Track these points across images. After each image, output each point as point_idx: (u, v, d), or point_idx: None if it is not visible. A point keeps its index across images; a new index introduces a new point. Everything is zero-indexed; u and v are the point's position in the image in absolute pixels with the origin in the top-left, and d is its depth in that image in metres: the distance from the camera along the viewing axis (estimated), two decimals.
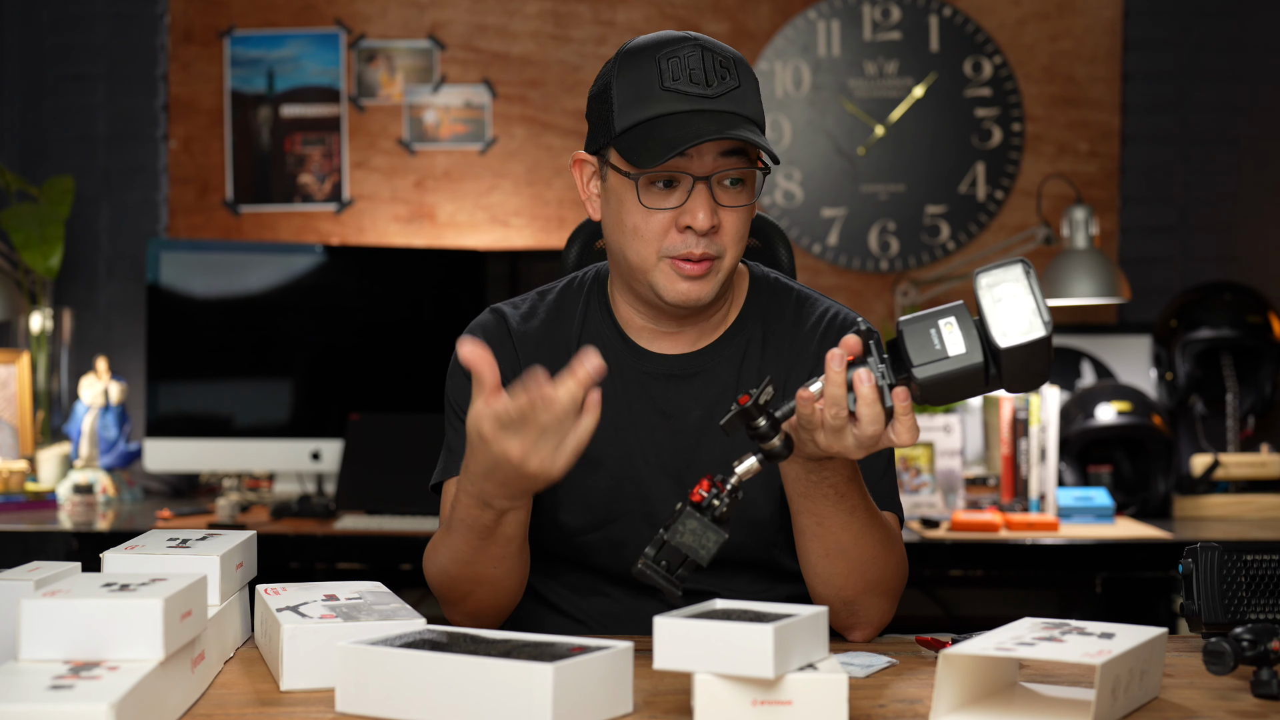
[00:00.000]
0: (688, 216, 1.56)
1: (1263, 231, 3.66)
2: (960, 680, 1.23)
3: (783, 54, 3.75)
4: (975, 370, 1.28)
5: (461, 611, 1.62)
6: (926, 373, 1.28)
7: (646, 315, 1.68)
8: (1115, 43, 3.71)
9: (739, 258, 1.63)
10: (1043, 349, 1.26)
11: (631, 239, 1.60)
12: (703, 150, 1.56)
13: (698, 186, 1.56)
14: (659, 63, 1.57)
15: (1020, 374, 1.28)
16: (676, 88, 1.56)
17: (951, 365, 1.28)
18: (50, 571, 1.39)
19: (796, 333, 1.70)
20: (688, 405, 1.67)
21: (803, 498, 1.49)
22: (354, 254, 3.55)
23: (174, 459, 3.36)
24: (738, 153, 1.58)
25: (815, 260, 3.75)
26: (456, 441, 1.68)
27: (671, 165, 1.55)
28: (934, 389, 1.29)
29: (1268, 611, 1.48)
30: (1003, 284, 1.28)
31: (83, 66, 3.77)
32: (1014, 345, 1.26)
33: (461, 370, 1.71)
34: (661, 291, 1.60)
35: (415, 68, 3.80)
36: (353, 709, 1.24)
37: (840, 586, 1.54)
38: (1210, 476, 3.21)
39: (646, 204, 1.58)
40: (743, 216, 1.60)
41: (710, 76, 1.57)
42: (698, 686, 1.19)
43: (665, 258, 1.59)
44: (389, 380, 3.44)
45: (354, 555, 2.90)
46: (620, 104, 1.58)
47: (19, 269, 3.54)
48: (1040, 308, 1.27)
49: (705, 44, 1.59)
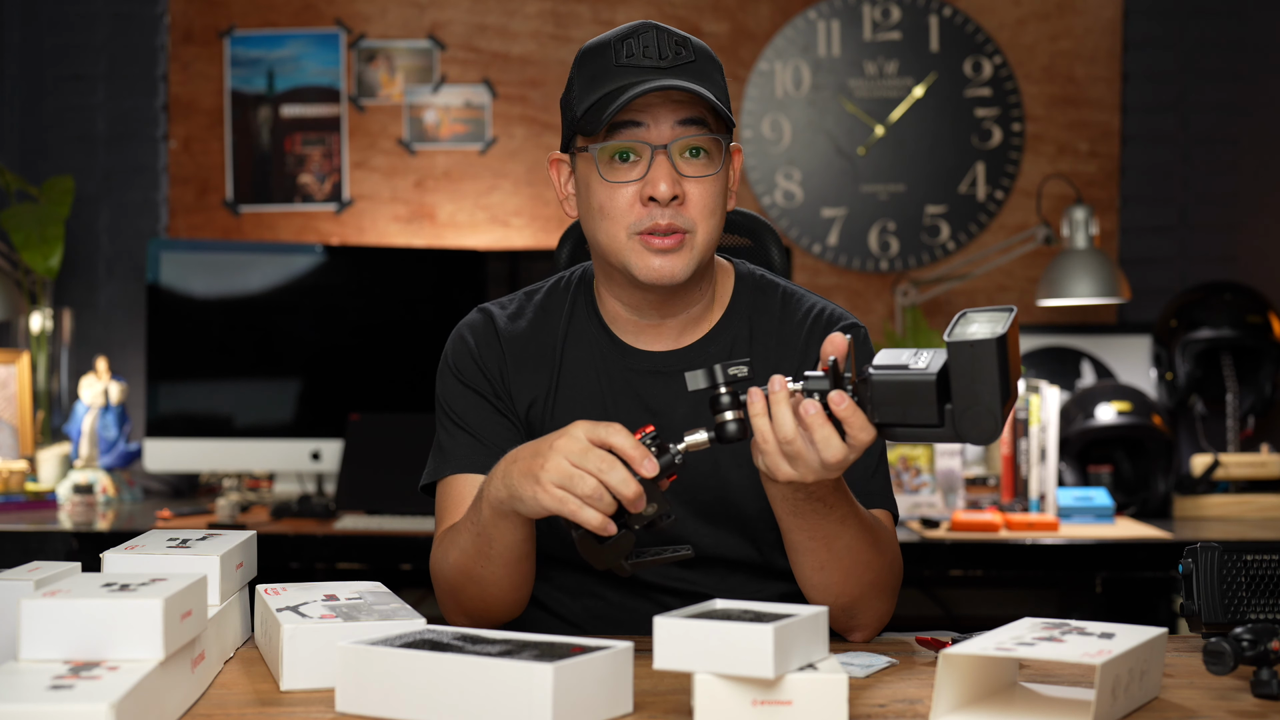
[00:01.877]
0: (649, 186, 1.56)
1: (1263, 231, 3.66)
2: (960, 680, 1.23)
3: (783, 54, 3.75)
4: (927, 388, 1.25)
5: (463, 612, 1.62)
6: (881, 376, 1.28)
7: (629, 306, 1.68)
8: (1115, 43, 3.71)
9: (714, 235, 1.61)
10: (989, 357, 1.23)
11: (600, 220, 1.60)
12: (659, 119, 1.56)
13: (657, 156, 1.56)
14: (613, 46, 1.58)
15: (967, 387, 1.24)
16: (629, 63, 1.56)
17: (906, 376, 1.27)
18: (50, 571, 1.39)
19: (783, 330, 1.69)
20: (673, 402, 1.66)
21: (792, 515, 1.48)
22: (354, 254, 3.55)
23: (174, 459, 3.36)
24: (696, 121, 1.57)
25: (815, 260, 3.75)
26: (448, 442, 1.68)
27: (628, 135, 1.56)
28: (883, 397, 1.27)
29: (1268, 611, 1.48)
30: (983, 313, 1.28)
31: (83, 66, 3.77)
32: (959, 342, 1.24)
33: (452, 371, 1.71)
34: (635, 270, 1.59)
35: (415, 68, 3.80)
36: (353, 709, 1.24)
37: (837, 594, 1.54)
38: (1210, 476, 3.21)
39: (608, 178, 1.58)
40: (709, 188, 1.59)
41: (664, 50, 1.57)
42: (698, 686, 1.19)
43: (635, 234, 1.58)
44: (389, 380, 3.44)
45: (354, 555, 2.90)
46: (579, 92, 1.59)
47: (19, 269, 3.54)
48: (1001, 329, 1.24)
49: (661, 27, 1.59)
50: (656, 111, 1.56)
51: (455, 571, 1.57)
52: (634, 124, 1.56)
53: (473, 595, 1.58)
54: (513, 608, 1.60)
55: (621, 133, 1.56)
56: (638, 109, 1.56)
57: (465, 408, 1.69)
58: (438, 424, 1.72)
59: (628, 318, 1.69)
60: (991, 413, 1.24)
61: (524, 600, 1.61)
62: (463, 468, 1.66)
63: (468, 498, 1.64)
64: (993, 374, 1.23)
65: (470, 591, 1.57)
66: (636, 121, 1.56)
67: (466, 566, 1.55)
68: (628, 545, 1.36)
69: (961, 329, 1.26)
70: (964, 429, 1.26)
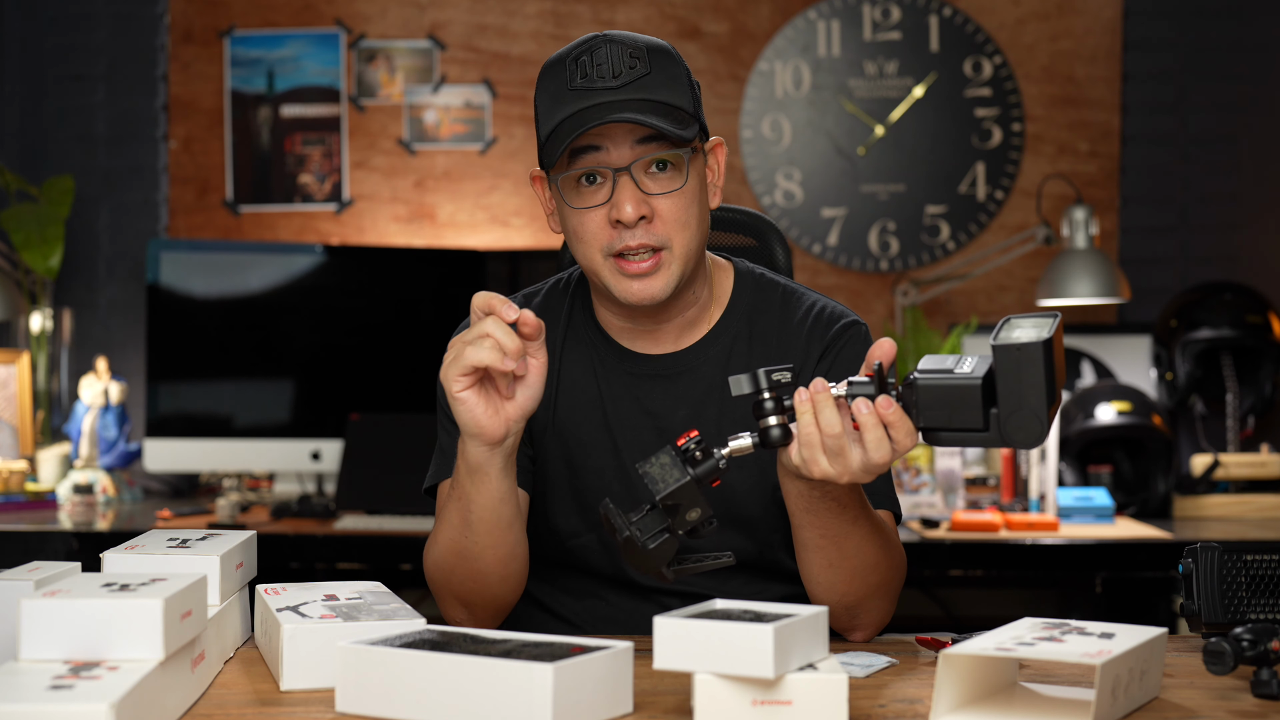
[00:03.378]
0: (615, 210, 1.55)
1: (1263, 231, 3.66)
2: (960, 680, 1.23)
3: (783, 54, 3.75)
4: (973, 392, 1.26)
5: (457, 598, 1.61)
6: (927, 380, 1.28)
7: (621, 315, 1.67)
8: (1115, 43, 3.71)
9: (692, 244, 1.59)
10: (1035, 362, 1.24)
11: (577, 244, 1.60)
12: (618, 141, 1.54)
13: (620, 179, 1.55)
14: (568, 66, 1.56)
15: (1013, 391, 1.25)
16: (580, 85, 1.55)
17: (952, 380, 1.27)
18: (50, 571, 1.39)
19: (784, 329, 1.69)
20: (673, 405, 1.66)
21: (805, 513, 1.48)
22: (354, 254, 3.55)
23: (174, 459, 3.36)
24: (656, 138, 1.55)
25: (815, 260, 3.75)
26: (449, 444, 1.68)
27: (589, 161, 1.55)
28: (931, 400, 1.28)
29: (1268, 611, 1.48)
30: (1027, 318, 1.28)
31: (83, 66, 3.77)
32: (1005, 345, 1.25)
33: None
34: (615, 292, 1.59)
35: (415, 68, 3.80)
36: (353, 709, 1.24)
37: (843, 593, 1.54)
38: (1210, 476, 3.21)
39: (575, 205, 1.58)
40: (678, 202, 1.57)
41: (617, 67, 1.55)
42: (698, 686, 1.19)
43: (609, 256, 1.57)
44: (389, 380, 3.44)
45: (354, 555, 2.90)
46: (541, 115, 1.58)
47: (19, 269, 3.54)
48: (1047, 333, 1.25)
49: (615, 38, 1.57)
50: (614, 133, 1.54)
51: (446, 553, 1.57)
52: (593, 148, 1.55)
53: (464, 575, 1.57)
54: (505, 586, 1.59)
55: (582, 158, 1.55)
56: (593, 134, 1.55)
57: None
58: (439, 425, 1.72)
59: (621, 325, 1.68)
60: (1038, 416, 1.25)
61: (515, 580, 1.59)
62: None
63: None
64: (1039, 378, 1.24)
65: (461, 572, 1.57)
66: (596, 145, 1.55)
67: (454, 542, 1.55)
68: (671, 551, 1.34)
69: (1007, 333, 1.27)
70: (1010, 433, 1.27)
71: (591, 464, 1.66)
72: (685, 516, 1.32)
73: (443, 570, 1.59)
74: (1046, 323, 1.27)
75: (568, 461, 1.67)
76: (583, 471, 1.66)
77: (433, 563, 1.61)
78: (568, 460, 1.67)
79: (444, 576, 1.60)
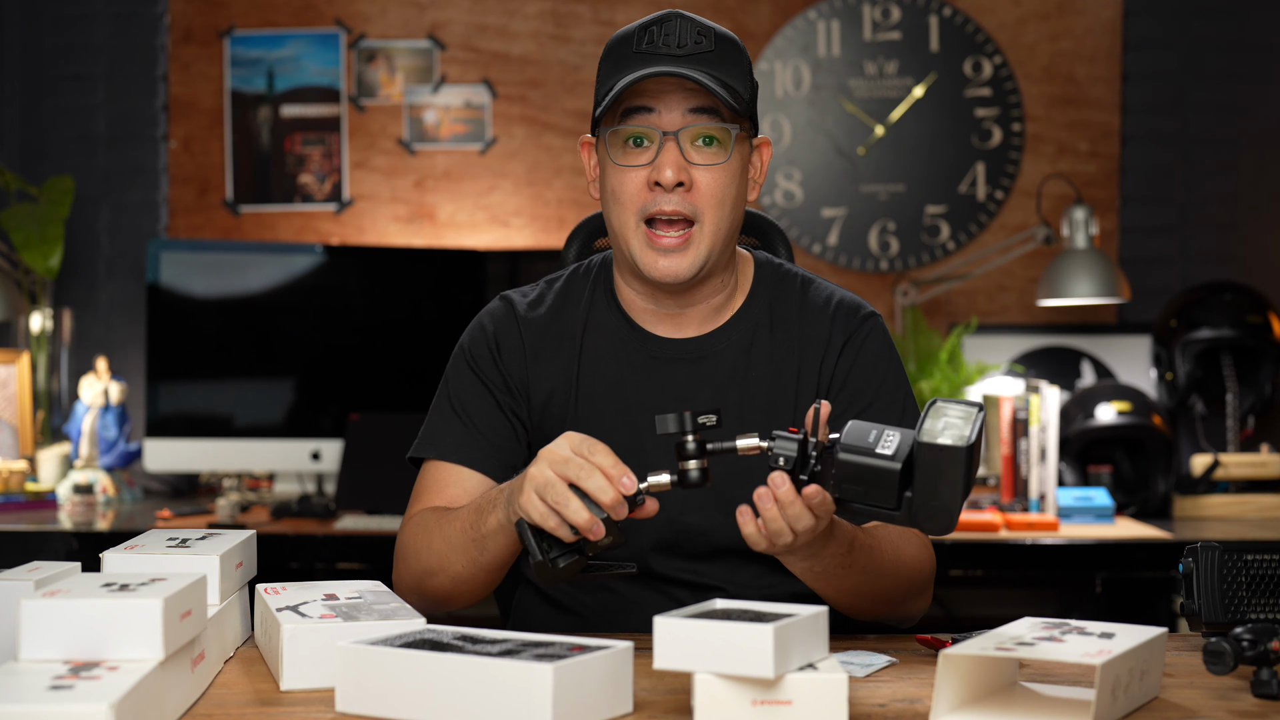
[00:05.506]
0: (656, 172, 1.58)
1: (1263, 231, 3.66)
2: (960, 680, 1.23)
3: (783, 54, 3.75)
4: (890, 476, 1.28)
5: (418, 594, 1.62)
6: (848, 457, 1.30)
7: (644, 295, 1.69)
8: (1115, 43, 3.71)
9: (723, 228, 1.62)
10: (956, 463, 1.26)
11: (613, 203, 1.62)
12: (670, 106, 1.57)
13: (666, 142, 1.58)
14: (636, 33, 1.60)
15: (929, 484, 1.27)
16: (648, 50, 1.58)
17: (872, 461, 1.29)
18: (50, 571, 1.39)
19: (805, 316, 1.71)
20: (696, 388, 1.68)
21: (815, 580, 1.50)
22: (354, 254, 3.55)
23: (174, 459, 3.36)
24: (709, 111, 1.58)
25: (815, 260, 3.75)
26: (440, 425, 1.70)
27: (639, 121, 1.58)
28: (848, 475, 1.30)
29: (1268, 611, 1.48)
30: (953, 410, 1.30)
31: (83, 66, 3.77)
32: (929, 444, 1.27)
33: (466, 358, 1.72)
34: (641, 265, 1.62)
35: (415, 68, 3.80)
36: (353, 709, 1.24)
37: (874, 612, 1.60)
38: (1210, 476, 3.21)
39: (619, 161, 1.60)
40: (718, 177, 1.60)
41: (684, 39, 1.59)
42: (698, 686, 1.18)
43: (642, 223, 1.60)
44: (389, 380, 3.44)
45: (354, 555, 2.90)
46: (602, 79, 1.62)
47: (19, 269, 3.54)
48: (971, 435, 1.27)
49: (688, 16, 1.61)
50: (668, 98, 1.57)
51: (435, 559, 1.58)
52: (645, 109, 1.58)
53: (440, 585, 1.59)
54: (467, 603, 1.63)
55: (634, 118, 1.58)
56: (649, 94, 1.58)
57: (470, 396, 1.70)
58: (435, 401, 1.73)
59: (645, 306, 1.70)
60: (949, 510, 1.28)
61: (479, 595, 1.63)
62: (446, 455, 1.68)
63: (447, 485, 1.66)
64: (957, 478, 1.27)
65: (439, 581, 1.58)
66: (648, 107, 1.58)
67: (449, 561, 1.56)
68: (578, 568, 1.40)
69: (932, 424, 1.28)
70: (920, 520, 1.29)
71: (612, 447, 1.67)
72: (598, 540, 1.37)
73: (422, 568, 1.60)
74: (971, 417, 1.28)
75: None
76: None
77: (414, 558, 1.62)
78: None
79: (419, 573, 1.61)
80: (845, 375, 1.69)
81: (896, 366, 1.72)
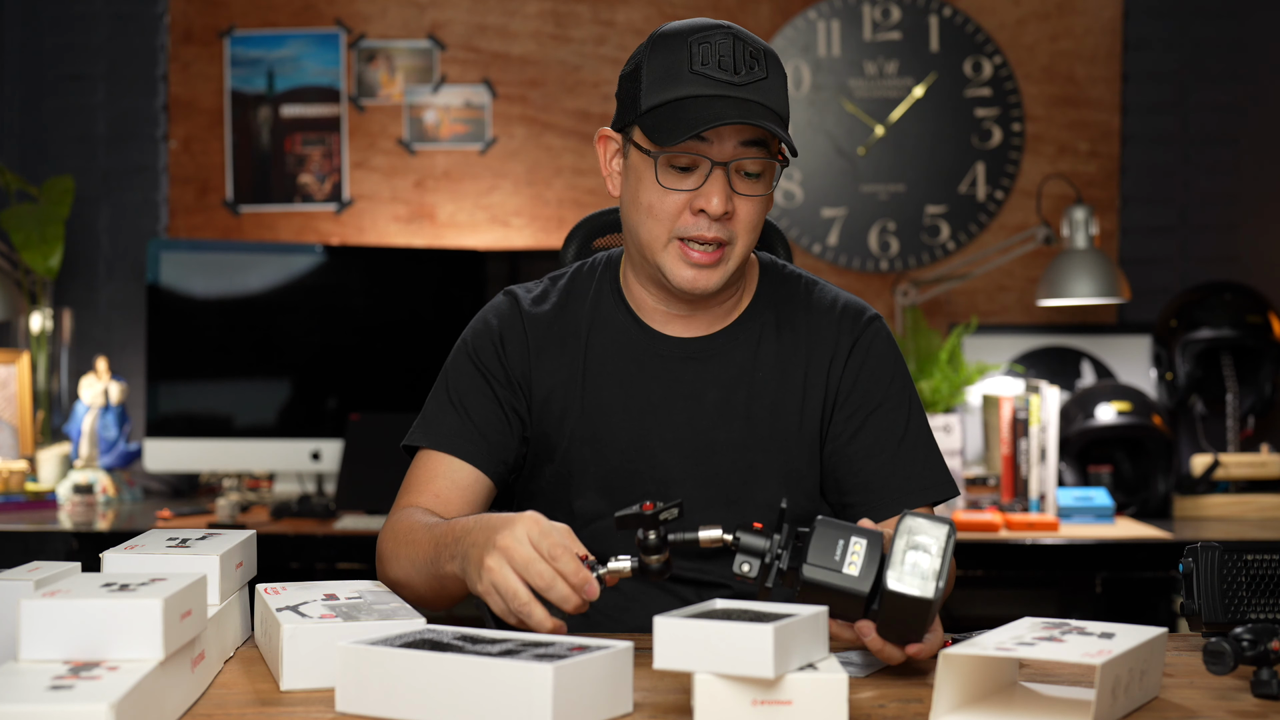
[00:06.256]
0: (702, 200, 1.59)
1: (1263, 231, 3.66)
2: (960, 680, 1.23)
3: (783, 54, 3.75)
4: (857, 599, 1.30)
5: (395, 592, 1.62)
6: (813, 575, 1.31)
7: (658, 297, 1.71)
8: (1115, 43, 3.71)
9: (751, 247, 1.65)
10: (923, 610, 1.29)
11: (645, 217, 1.62)
12: (723, 136, 1.58)
13: (715, 171, 1.58)
14: (690, 46, 1.59)
15: (894, 621, 1.30)
16: (704, 71, 1.58)
17: (838, 581, 1.31)
18: (50, 571, 1.39)
19: (810, 317, 1.73)
20: (704, 387, 1.69)
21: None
22: (354, 254, 3.55)
23: (174, 459, 3.36)
24: (758, 144, 1.60)
25: (815, 260, 3.75)
26: (435, 415, 1.70)
27: (691, 147, 1.58)
28: (811, 592, 1.31)
29: (1268, 611, 1.48)
30: (923, 536, 1.30)
31: (83, 66, 3.77)
32: (900, 593, 1.28)
33: (468, 351, 1.72)
34: (669, 275, 1.63)
35: (415, 68, 3.80)
36: (353, 709, 1.24)
37: None
38: (1210, 476, 3.21)
39: (664, 184, 1.60)
40: (757, 207, 1.63)
41: (739, 64, 1.59)
42: (698, 686, 1.18)
43: (675, 239, 1.61)
44: (389, 380, 3.44)
45: (354, 555, 2.90)
46: (649, 83, 1.61)
47: (19, 269, 3.54)
48: (940, 575, 1.29)
49: (738, 33, 1.61)
50: (722, 130, 1.58)
51: (402, 573, 1.57)
52: (698, 138, 1.58)
53: (410, 596, 1.58)
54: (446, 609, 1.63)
55: (685, 144, 1.58)
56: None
57: (468, 388, 1.70)
58: (433, 392, 1.73)
59: (654, 306, 1.71)
60: (916, 634, 1.32)
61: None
62: (439, 445, 1.68)
63: (436, 476, 1.67)
64: (921, 623, 1.30)
65: (408, 594, 1.58)
66: (703, 137, 1.58)
67: (413, 580, 1.56)
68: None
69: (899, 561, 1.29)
70: (885, 635, 1.33)
71: (619, 445, 1.68)
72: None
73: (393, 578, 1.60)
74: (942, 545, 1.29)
75: (594, 444, 1.69)
76: (609, 453, 1.68)
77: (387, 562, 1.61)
78: (594, 442, 1.69)
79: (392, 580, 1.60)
80: (854, 379, 1.71)
81: (901, 368, 1.74)
